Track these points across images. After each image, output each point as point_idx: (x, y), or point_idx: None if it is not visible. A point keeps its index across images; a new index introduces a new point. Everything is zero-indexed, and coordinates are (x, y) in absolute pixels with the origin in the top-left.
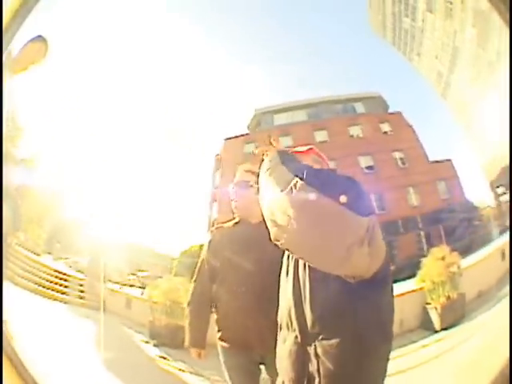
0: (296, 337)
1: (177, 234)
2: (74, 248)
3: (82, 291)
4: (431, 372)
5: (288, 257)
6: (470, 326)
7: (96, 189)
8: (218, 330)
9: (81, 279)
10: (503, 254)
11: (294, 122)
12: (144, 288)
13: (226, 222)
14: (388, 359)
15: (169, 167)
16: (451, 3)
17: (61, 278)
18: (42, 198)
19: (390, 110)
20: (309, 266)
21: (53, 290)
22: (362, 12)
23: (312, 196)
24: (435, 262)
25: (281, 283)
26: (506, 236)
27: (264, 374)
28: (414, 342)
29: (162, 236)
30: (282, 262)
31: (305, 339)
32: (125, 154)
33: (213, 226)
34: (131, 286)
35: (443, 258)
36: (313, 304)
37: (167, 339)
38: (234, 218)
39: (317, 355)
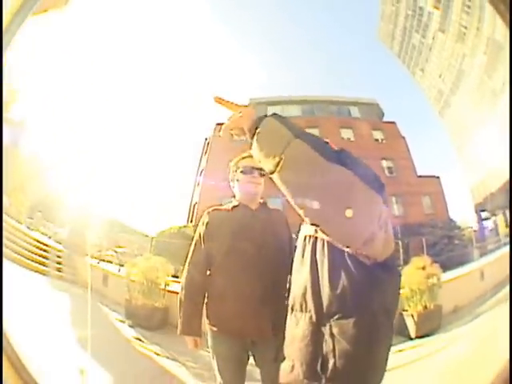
0: (311, 317)
1: (157, 214)
2: (55, 218)
3: (59, 263)
4: (406, 377)
5: (305, 239)
6: (445, 338)
7: (82, 162)
8: (208, 315)
9: (60, 251)
10: (482, 275)
11: (286, 115)
12: (122, 265)
13: (216, 206)
14: (390, 343)
15: (156, 147)
16: (466, 28)
17: (41, 249)
18: (28, 164)
19: (385, 119)
20: (328, 248)
21: (32, 260)
22: (373, 20)
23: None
24: (415, 271)
25: (294, 266)
26: (487, 259)
27: (249, 366)
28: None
29: (143, 214)
30: (293, 247)
31: (320, 319)
32: (113, 131)
33: (193, 208)
34: (109, 262)
35: (424, 268)
36: (331, 283)
37: (143, 320)
38: (227, 202)
39: (332, 335)
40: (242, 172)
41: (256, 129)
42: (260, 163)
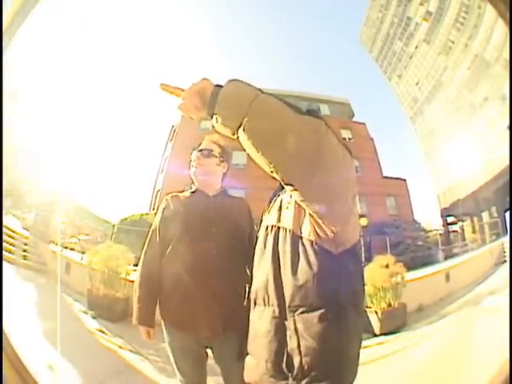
0: (273, 311)
1: (119, 201)
2: (24, 204)
3: (25, 250)
4: (372, 373)
5: (266, 229)
6: (411, 335)
7: (50, 147)
8: (161, 308)
9: (26, 237)
10: (448, 277)
11: None
12: (84, 253)
13: (181, 192)
14: (361, 339)
15: (122, 134)
16: (453, 42)
17: (9, 236)
18: None
19: (355, 119)
20: (290, 238)
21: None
22: (357, 23)
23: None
24: (379, 269)
25: (255, 258)
26: (451, 261)
27: (211, 360)
28: None
29: (106, 201)
30: (255, 238)
31: (283, 313)
32: (81, 118)
33: (156, 196)
34: (72, 249)
35: (387, 266)
36: (294, 274)
37: (105, 311)
38: (189, 189)
39: (296, 330)
40: (195, 156)
41: (212, 101)
42: (222, 127)
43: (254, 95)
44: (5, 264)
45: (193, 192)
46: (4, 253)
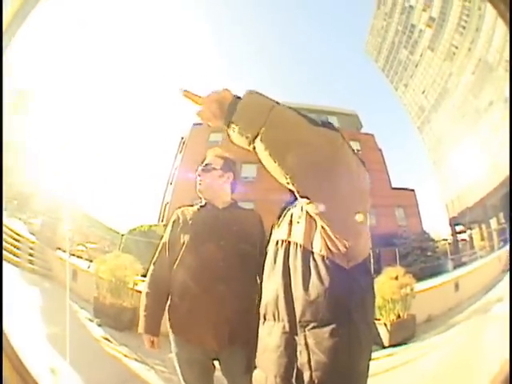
0: (284, 327)
1: (129, 211)
2: (30, 208)
3: (31, 255)
4: None
5: (277, 243)
6: (420, 346)
7: (60, 153)
8: (169, 319)
9: (32, 242)
10: (457, 286)
11: None
12: (91, 261)
13: (187, 206)
14: (371, 350)
15: (132, 144)
16: (456, 48)
17: (15, 239)
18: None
19: (363, 131)
20: (301, 252)
21: (6, 250)
22: (362, 33)
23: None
24: (388, 281)
25: (265, 272)
26: (461, 270)
27: (218, 372)
28: None
29: (114, 211)
30: (266, 252)
31: (294, 328)
32: (91, 128)
33: (165, 208)
34: (79, 257)
35: (396, 278)
36: (305, 289)
37: (111, 320)
38: (198, 202)
39: (307, 345)
40: (201, 170)
41: (230, 110)
42: (239, 137)
43: (271, 106)
44: (9, 266)
45: (202, 206)
46: (8, 255)
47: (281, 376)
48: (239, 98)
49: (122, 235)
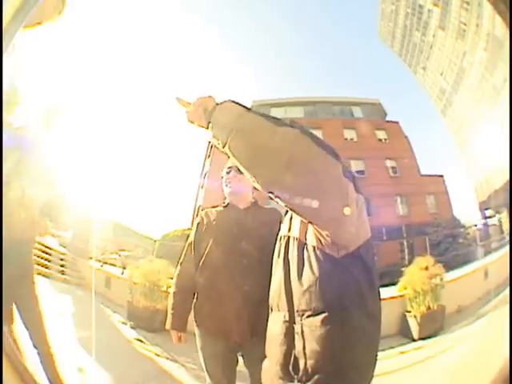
0: (284, 316)
1: (161, 217)
2: (59, 222)
3: (63, 265)
4: (410, 379)
5: (280, 239)
6: (448, 339)
7: (87, 166)
8: (195, 315)
9: (63, 254)
10: (486, 274)
11: (289, 117)
12: (125, 268)
13: (215, 207)
14: (377, 344)
15: (160, 150)
16: (465, 24)
17: (44, 252)
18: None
19: (388, 119)
20: (298, 243)
21: (37, 263)
22: (373, 19)
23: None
24: (419, 271)
25: (273, 266)
26: (490, 257)
27: (241, 367)
28: (393, 347)
29: (147, 217)
30: (274, 246)
31: (292, 317)
32: (118, 134)
33: (197, 211)
34: (112, 265)
35: (427, 268)
36: (299, 279)
37: (144, 322)
38: (222, 203)
39: (303, 334)
40: (224, 173)
41: (207, 116)
42: (215, 141)
43: (240, 114)
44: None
45: (225, 206)
46: (39, 268)
47: (281, 363)
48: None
49: (155, 241)
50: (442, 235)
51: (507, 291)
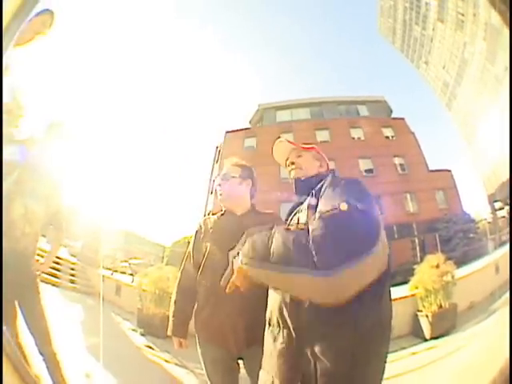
0: (289, 334)
1: (171, 224)
2: (69, 232)
3: (73, 275)
4: (421, 379)
5: None
6: (460, 337)
7: (95, 175)
8: (195, 322)
9: (73, 263)
10: (497, 268)
11: (296, 119)
12: (134, 275)
13: (215, 214)
14: (386, 360)
15: (168, 157)
16: (463, 15)
17: (55, 262)
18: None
19: (394, 116)
20: None
21: (47, 273)
22: (372, 16)
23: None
24: (429, 270)
25: None
26: (501, 250)
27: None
28: (404, 348)
29: (157, 225)
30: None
31: (300, 336)
32: (125, 142)
33: None
34: (122, 273)
35: (437, 266)
36: (311, 305)
37: (154, 329)
38: (220, 211)
39: (313, 353)
40: (215, 186)
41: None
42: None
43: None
44: (48, 287)
45: (222, 214)
46: (48, 277)
47: (287, 382)
48: None
49: (165, 248)
50: (453, 230)
51: None
